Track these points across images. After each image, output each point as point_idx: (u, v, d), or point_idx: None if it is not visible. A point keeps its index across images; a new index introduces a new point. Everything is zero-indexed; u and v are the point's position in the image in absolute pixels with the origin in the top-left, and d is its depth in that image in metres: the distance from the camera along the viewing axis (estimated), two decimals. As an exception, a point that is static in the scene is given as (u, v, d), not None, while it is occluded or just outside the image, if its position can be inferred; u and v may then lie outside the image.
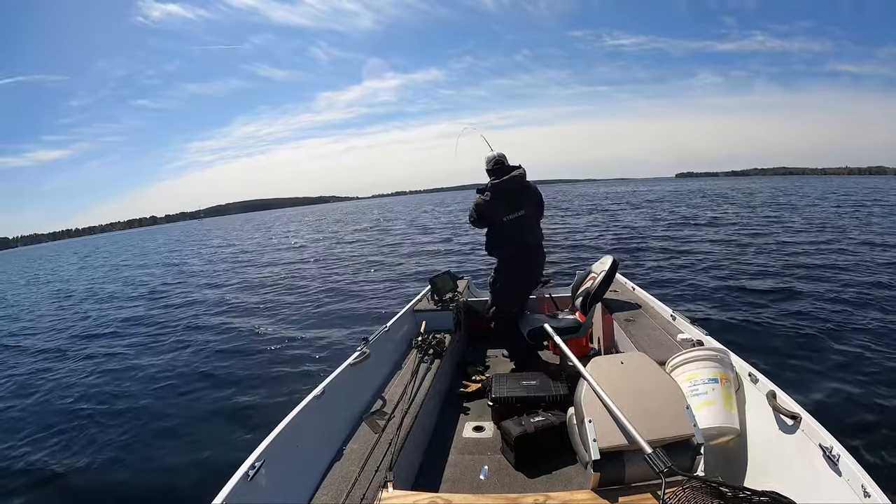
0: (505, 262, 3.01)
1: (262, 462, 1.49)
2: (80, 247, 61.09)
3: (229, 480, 1.38)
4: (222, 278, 13.09)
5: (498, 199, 2.83)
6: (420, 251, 14.51)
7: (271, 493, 1.47)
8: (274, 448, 1.57)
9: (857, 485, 1.14)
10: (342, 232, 27.56)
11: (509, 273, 3.00)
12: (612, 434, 1.39)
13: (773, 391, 1.57)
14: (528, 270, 3.03)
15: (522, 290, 3.06)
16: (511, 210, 2.85)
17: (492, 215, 2.87)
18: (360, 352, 2.38)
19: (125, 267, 21.35)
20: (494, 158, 2.92)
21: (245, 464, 1.46)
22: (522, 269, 3.00)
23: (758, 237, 12.16)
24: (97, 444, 3.87)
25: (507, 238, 2.92)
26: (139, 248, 36.31)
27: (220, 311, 8.62)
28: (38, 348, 7.56)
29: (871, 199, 25.02)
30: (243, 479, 1.40)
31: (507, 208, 2.84)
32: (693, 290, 7.05)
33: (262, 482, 1.46)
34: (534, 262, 3.06)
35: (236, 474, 1.41)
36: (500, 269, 3.03)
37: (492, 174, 2.90)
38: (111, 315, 9.59)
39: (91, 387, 5.26)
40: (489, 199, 2.84)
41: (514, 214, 2.85)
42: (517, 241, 2.92)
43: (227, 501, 1.31)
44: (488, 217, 2.89)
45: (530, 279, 3.08)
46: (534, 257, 3.04)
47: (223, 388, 4.71)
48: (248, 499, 1.38)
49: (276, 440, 1.61)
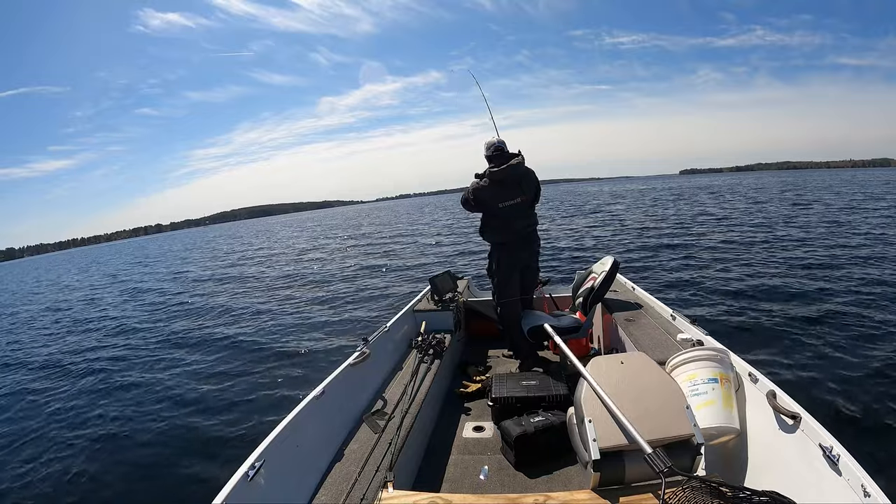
0: (498, 247, 3.03)
1: (262, 462, 1.49)
2: (99, 254, 60.18)
3: (229, 480, 1.38)
4: (224, 279, 13.10)
5: (496, 185, 2.84)
6: (420, 251, 14.51)
7: (271, 494, 1.47)
8: (274, 448, 1.57)
9: (857, 485, 1.14)
10: (342, 235, 27.54)
11: (503, 258, 3.01)
12: (612, 434, 1.39)
13: (773, 391, 1.57)
14: (520, 256, 3.03)
15: (520, 275, 3.06)
16: (508, 197, 2.85)
17: (488, 200, 2.88)
18: (360, 352, 2.38)
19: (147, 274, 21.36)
20: (494, 145, 2.92)
21: (245, 464, 1.46)
22: (516, 254, 3.01)
23: (759, 235, 12.16)
24: (96, 441, 3.88)
25: (501, 223, 2.93)
26: (158, 256, 35.84)
27: (221, 310, 8.62)
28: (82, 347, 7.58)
29: (882, 191, 24.69)
30: (243, 479, 1.40)
31: (504, 195, 2.85)
32: (693, 291, 7.05)
33: (262, 482, 1.45)
34: (528, 247, 3.06)
35: (236, 474, 1.41)
36: (494, 253, 3.06)
37: (491, 160, 2.90)
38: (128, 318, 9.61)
39: (90, 385, 5.27)
40: (487, 185, 2.85)
41: (510, 201, 2.85)
42: (511, 227, 2.93)
43: (227, 501, 1.31)
44: (485, 202, 2.89)
45: (525, 263, 3.08)
46: (528, 243, 3.05)
47: (223, 387, 4.71)
48: (248, 499, 1.38)
49: (276, 440, 1.61)
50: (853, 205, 18.51)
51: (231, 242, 37.07)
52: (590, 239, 13.97)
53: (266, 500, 1.44)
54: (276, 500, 1.48)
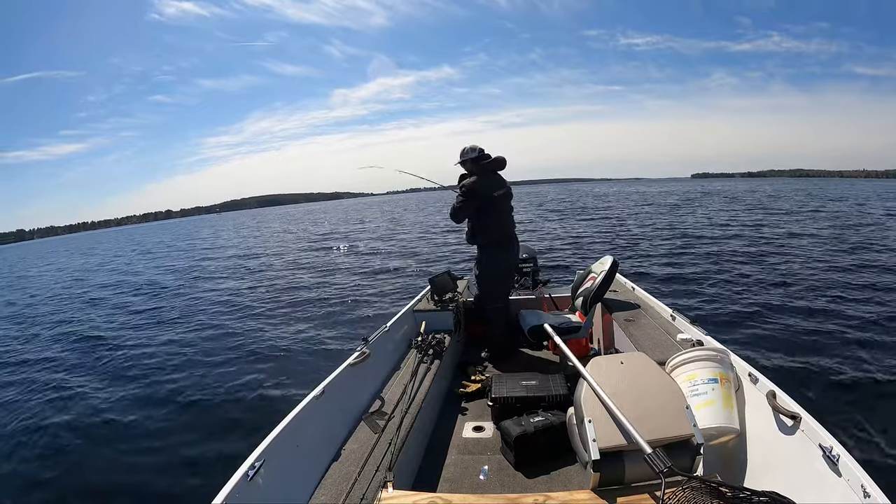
0: (491, 248, 3.10)
1: (262, 462, 1.49)
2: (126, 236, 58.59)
3: (229, 480, 1.38)
4: (225, 276, 13.09)
5: (487, 175, 2.99)
6: (421, 252, 14.50)
7: (271, 493, 1.47)
8: (274, 448, 1.57)
9: (856, 485, 1.14)
10: (347, 229, 27.45)
11: (496, 259, 3.10)
12: (612, 434, 1.39)
13: (773, 391, 1.57)
14: (509, 258, 3.18)
15: (509, 278, 3.19)
16: (498, 186, 3.03)
17: (484, 191, 2.97)
18: (359, 352, 2.38)
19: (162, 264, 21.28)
20: (478, 148, 3.06)
21: (245, 464, 1.46)
22: (506, 256, 3.14)
23: (764, 237, 12.16)
24: (94, 439, 3.88)
25: (496, 218, 3.05)
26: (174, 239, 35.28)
27: (221, 311, 8.61)
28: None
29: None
30: (243, 479, 1.40)
31: (495, 184, 3.02)
32: (693, 291, 7.05)
33: (262, 482, 1.45)
34: (515, 249, 3.20)
35: (236, 474, 1.41)
36: (487, 257, 3.11)
37: (478, 159, 3.03)
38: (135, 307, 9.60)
39: (89, 385, 5.26)
40: (478, 178, 2.96)
41: (501, 190, 3.03)
42: (504, 221, 3.08)
43: (226, 501, 1.31)
44: (481, 194, 2.97)
45: (514, 266, 3.24)
46: (515, 244, 3.19)
47: (222, 387, 4.71)
48: (247, 499, 1.38)
49: (275, 440, 1.61)
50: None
51: (238, 232, 36.54)
52: (588, 238, 13.98)
53: (266, 499, 1.44)
54: (275, 500, 1.48)
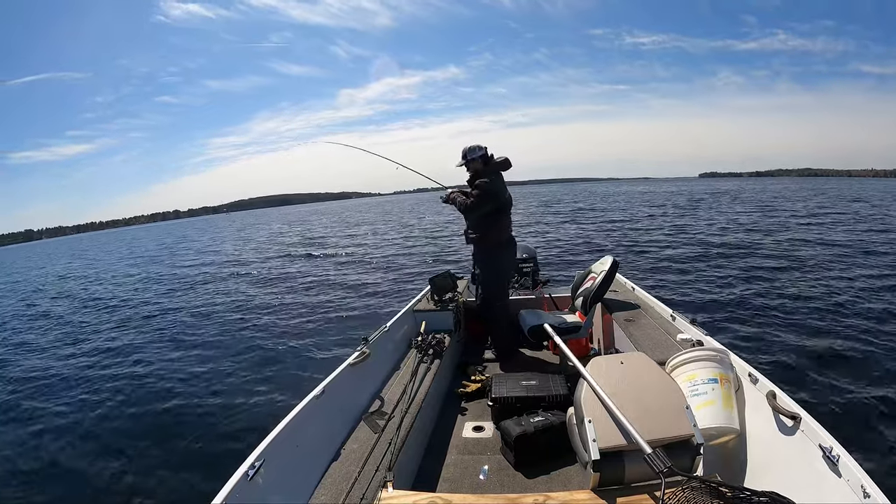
0: (498, 248, 3.11)
1: (262, 462, 1.49)
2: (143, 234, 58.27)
3: (229, 480, 1.38)
4: (224, 277, 13.09)
5: (496, 176, 3.00)
6: (420, 251, 14.51)
7: (271, 493, 1.47)
8: (274, 448, 1.57)
9: (856, 485, 1.14)
10: (351, 231, 27.38)
11: (502, 259, 3.13)
12: (612, 434, 1.39)
13: (773, 391, 1.57)
14: (511, 259, 3.25)
15: (511, 277, 3.24)
16: (506, 188, 3.06)
17: (500, 191, 3.00)
18: (359, 352, 2.38)
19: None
20: (484, 147, 3.03)
21: (245, 464, 1.46)
22: (510, 256, 3.19)
23: (766, 238, 12.15)
24: (93, 439, 3.88)
25: (504, 218, 3.08)
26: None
27: (221, 311, 8.61)
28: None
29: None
30: (243, 478, 1.40)
31: (502, 184, 3.05)
32: (694, 291, 7.05)
33: (262, 482, 1.46)
34: (514, 250, 3.25)
35: (236, 474, 1.41)
36: (494, 256, 3.12)
37: (487, 159, 3.01)
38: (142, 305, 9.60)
39: (88, 383, 5.26)
40: (493, 179, 2.96)
41: (507, 191, 3.07)
42: (508, 221, 3.12)
43: (226, 501, 1.31)
44: (498, 195, 2.99)
45: (514, 265, 3.31)
46: (514, 245, 3.24)
47: (222, 387, 4.71)
48: (247, 498, 1.38)
49: (275, 440, 1.61)
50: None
51: (243, 233, 36.41)
52: (588, 238, 13.98)
53: (266, 499, 1.44)
54: (275, 500, 1.48)
